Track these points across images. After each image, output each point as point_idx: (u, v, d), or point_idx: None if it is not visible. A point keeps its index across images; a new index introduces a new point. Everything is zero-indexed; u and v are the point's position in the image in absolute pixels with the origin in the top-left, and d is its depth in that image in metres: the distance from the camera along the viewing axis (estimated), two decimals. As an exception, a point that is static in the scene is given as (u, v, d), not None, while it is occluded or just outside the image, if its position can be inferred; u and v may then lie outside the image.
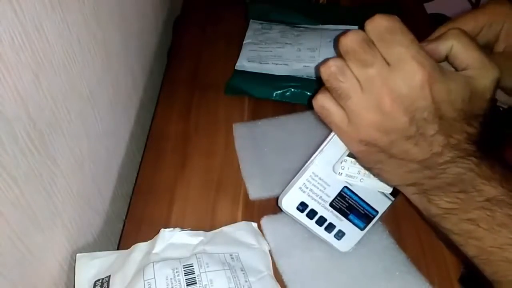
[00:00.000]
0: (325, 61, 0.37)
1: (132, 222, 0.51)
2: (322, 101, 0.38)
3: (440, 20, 1.18)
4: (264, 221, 0.50)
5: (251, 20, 0.73)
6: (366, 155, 0.38)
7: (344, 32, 0.36)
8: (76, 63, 0.43)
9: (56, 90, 0.39)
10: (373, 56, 0.35)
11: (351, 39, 0.36)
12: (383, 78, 0.35)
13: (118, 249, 0.49)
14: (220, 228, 0.48)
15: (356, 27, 0.70)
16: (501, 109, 0.82)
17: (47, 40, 0.37)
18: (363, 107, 0.36)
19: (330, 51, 0.64)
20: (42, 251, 0.39)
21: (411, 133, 0.35)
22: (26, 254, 0.36)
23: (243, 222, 0.49)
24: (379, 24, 0.35)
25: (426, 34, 0.52)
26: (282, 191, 0.46)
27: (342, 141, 0.40)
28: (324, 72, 0.37)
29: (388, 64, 0.35)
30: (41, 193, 0.37)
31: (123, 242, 0.49)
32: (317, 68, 0.40)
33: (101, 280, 0.42)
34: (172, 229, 0.46)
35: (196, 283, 0.40)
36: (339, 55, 0.37)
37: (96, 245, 0.49)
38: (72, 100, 0.42)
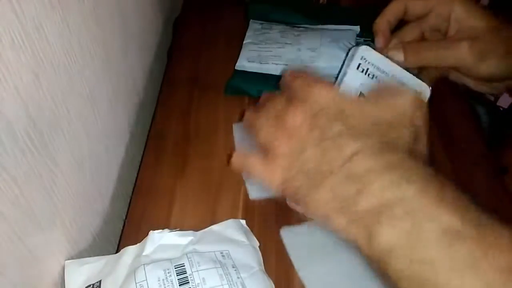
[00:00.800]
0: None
1: (132, 222, 0.51)
2: (235, 156, 0.40)
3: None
4: (284, 232, 0.49)
5: (251, 20, 0.73)
6: (289, 187, 0.36)
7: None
8: (76, 63, 0.43)
9: (56, 90, 0.39)
10: (278, 98, 0.39)
11: (262, 97, 0.42)
12: (288, 100, 0.37)
13: (118, 249, 0.49)
14: (209, 227, 0.48)
15: (357, 27, 0.71)
16: (501, 109, 0.82)
17: (47, 40, 0.37)
18: (274, 134, 0.37)
19: (330, 51, 0.64)
20: (42, 251, 0.39)
21: (316, 141, 0.35)
22: (26, 254, 0.36)
23: (232, 220, 0.49)
24: (285, 77, 0.40)
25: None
26: None
27: (265, 184, 0.39)
28: (244, 123, 0.41)
29: (294, 92, 0.38)
30: (41, 193, 0.37)
31: (123, 242, 0.49)
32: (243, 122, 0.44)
33: (92, 285, 0.42)
34: (161, 230, 0.46)
35: (188, 282, 0.40)
36: None
37: (96, 245, 0.49)
38: (72, 100, 0.42)
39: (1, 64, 0.31)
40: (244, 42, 0.69)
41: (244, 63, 0.66)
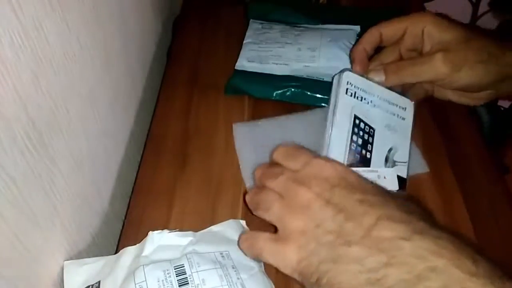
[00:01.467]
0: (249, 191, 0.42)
1: (131, 222, 0.51)
2: (243, 238, 0.40)
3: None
4: None
5: (251, 20, 0.73)
6: (308, 264, 0.34)
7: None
8: (76, 63, 0.42)
9: (56, 90, 0.39)
10: (279, 168, 0.39)
11: (260, 168, 0.41)
12: (294, 179, 0.37)
13: (117, 249, 0.49)
14: (209, 228, 0.48)
15: (357, 27, 0.70)
16: (502, 109, 0.82)
17: (46, 40, 0.36)
18: (285, 210, 0.36)
19: (330, 51, 0.63)
20: (41, 252, 0.38)
21: (332, 212, 0.34)
22: (25, 254, 0.36)
23: (232, 220, 0.49)
24: (282, 149, 0.41)
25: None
26: None
27: (279, 266, 0.36)
28: (248, 200, 0.40)
29: (296, 171, 0.38)
30: (40, 193, 0.37)
31: (123, 242, 0.49)
32: (244, 200, 0.43)
33: (91, 286, 0.42)
34: (160, 231, 0.46)
35: (188, 283, 0.40)
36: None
37: (95, 246, 0.49)
38: (72, 100, 0.42)
39: (0, 64, 0.30)
40: (244, 42, 0.69)
41: (244, 63, 0.66)
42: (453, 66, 0.48)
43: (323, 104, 0.61)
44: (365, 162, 0.46)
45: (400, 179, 0.45)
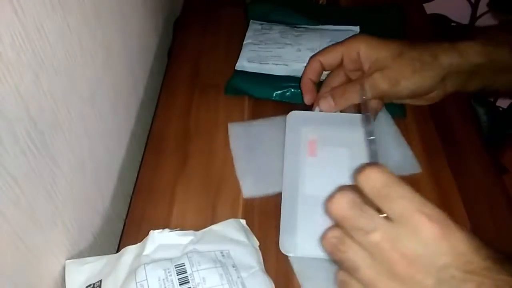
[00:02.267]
0: (326, 232, 0.35)
1: (132, 222, 0.52)
2: (341, 276, 0.34)
3: (439, 20, 1.18)
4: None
5: (251, 20, 0.73)
6: None
7: (329, 197, 0.34)
8: (77, 63, 0.43)
9: (57, 90, 0.39)
10: (371, 220, 0.32)
11: (339, 208, 0.33)
12: (390, 240, 0.31)
13: (118, 249, 0.49)
14: (209, 227, 0.48)
15: (357, 27, 0.71)
16: (501, 109, 0.82)
17: (47, 40, 0.37)
18: (377, 277, 0.32)
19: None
20: (43, 251, 0.39)
21: None
22: (27, 254, 0.36)
23: (232, 219, 0.49)
24: (372, 178, 0.32)
25: (426, 34, 0.53)
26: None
27: None
28: (326, 246, 0.34)
29: (390, 220, 0.32)
30: (41, 193, 0.37)
31: (124, 242, 0.49)
32: (321, 241, 0.36)
33: (92, 285, 0.42)
34: (161, 230, 0.46)
35: (188, 281, 0.40)
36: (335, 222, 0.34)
37: (96, 245, 0.49)
38: (73, 100, 0.42)
39: (2, 64, 0.31)
40: (244, 42, 0.69)
41: (244, 64, 0.66)
42: (390, 82, 0.51)
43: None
44: None
45: None
